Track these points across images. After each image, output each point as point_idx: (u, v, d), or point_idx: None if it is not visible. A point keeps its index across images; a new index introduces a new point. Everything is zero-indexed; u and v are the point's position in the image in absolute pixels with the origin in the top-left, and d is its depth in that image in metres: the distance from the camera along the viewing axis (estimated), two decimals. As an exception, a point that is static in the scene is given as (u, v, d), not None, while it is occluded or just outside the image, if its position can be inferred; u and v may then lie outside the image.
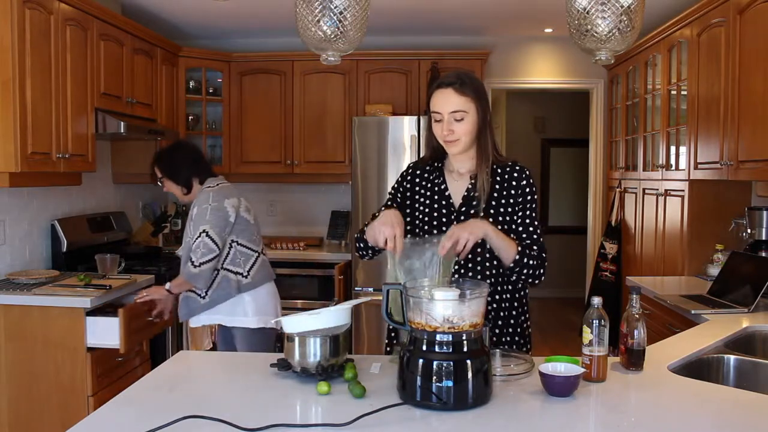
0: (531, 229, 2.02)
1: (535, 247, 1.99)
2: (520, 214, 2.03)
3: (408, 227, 2.08)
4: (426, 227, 2.08)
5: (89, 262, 3.77)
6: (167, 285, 3.06)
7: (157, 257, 4.40)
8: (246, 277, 3.07)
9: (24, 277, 3.36)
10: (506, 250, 1.94)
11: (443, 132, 1.99)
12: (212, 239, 2.94)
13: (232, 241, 3.05)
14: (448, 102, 1.97)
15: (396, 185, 2.18)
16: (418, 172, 2.15)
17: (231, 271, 3.04)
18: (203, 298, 3.05)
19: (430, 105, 2.03)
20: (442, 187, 2.09)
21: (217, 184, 3.10)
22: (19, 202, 3.59)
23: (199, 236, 2.93)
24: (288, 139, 5.28)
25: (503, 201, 2.03)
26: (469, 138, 2.00)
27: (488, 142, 2.02)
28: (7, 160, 3.06)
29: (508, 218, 2.03)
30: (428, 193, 2.11)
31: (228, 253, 3.04)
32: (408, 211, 2.12)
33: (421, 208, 2.10)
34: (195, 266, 2.92)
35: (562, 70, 5.59)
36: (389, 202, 2.16)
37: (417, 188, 2.13)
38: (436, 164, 2.13)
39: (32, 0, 3.14)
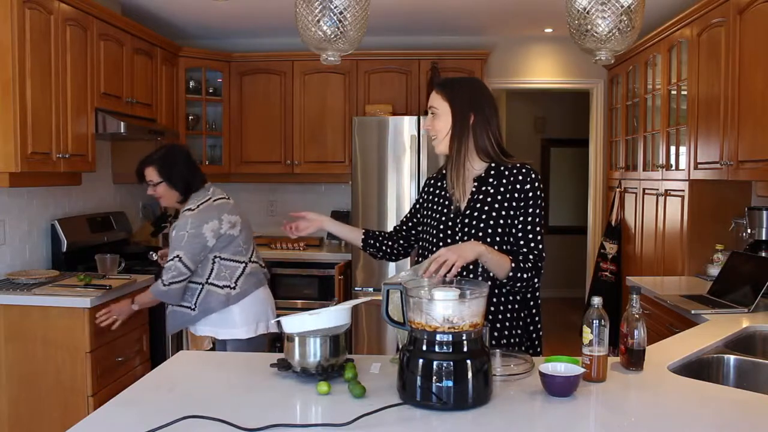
0: (531, 235, 2.02)
1: (531, 257, 1.99)
2: (521, 218, 2.03)
3: (421, 234, 2.23)
4: (434, 231, 2.13)
5: (89, 262, 3.77)
6: (134, 304, 3.07)
7: (157, 257, 4.40)
8: (234, 288, 3.00)
9: (24, 277, 3.36)
10: (500, 267, 1.96)
11: (425, 125, 2.17)
12: (185, 264, 2.89)
13: (215, 257, 2.97)
14: (430, 99, 2.13)
15: (415, 201, 2.33)
16: (431, 182, 2.26)
17: (217, 286, 2.98)
18: (193, 310, 3.00)
19: None
20: (451, 191, 2.13)
21: (199, 205, 2.97)
22: (19, 202, 3.59)
23: (173, 260, 2.89)
24: (288, 139, 5.28)
25: (506, 204, 2.03)
26: (442, 136, 2.08)
27: (462, 146, 2.06)
28: (7, 160, 3.06)
29: (509, 221, 2.03)
30: (440, 200, 2.17)
31: (212, 269, 2.97)
32: (423, 220, 2.22)
33: (433, 214, 2.16)
34: (164, 285, 2.90)
35: (562, 70, 5.59)
36: (407, 215, 2.34)
37: (431, 197, 2.21)
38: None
39: (32, 0, 3.14)
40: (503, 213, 2.03)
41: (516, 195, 2.04)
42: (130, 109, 4.13)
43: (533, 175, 2.05)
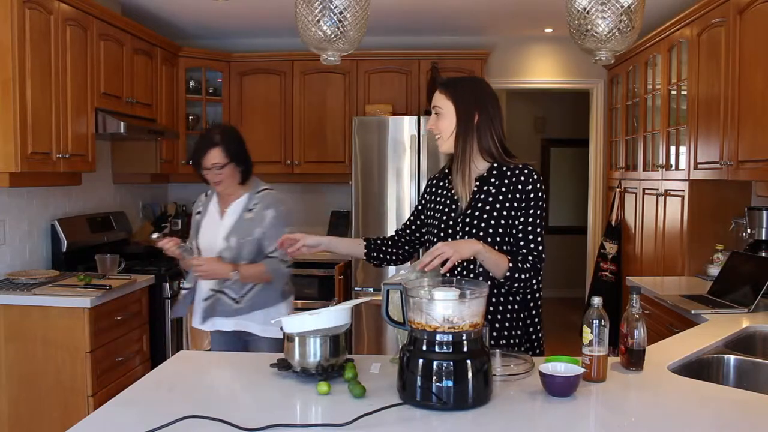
0: (531, 237, 2.01)
1: (530, 258, 1.99)
2: (521, 219, 2.02)
3: (424, 235, 2.24)
4: (435, 230, 2.13)
5: (89, 262, 3.77)
6: (235, 272, 2.67)
7: (157, 257, 4.38)
8: (287, 284, 2.88)
9: (24, 277, 3.36)
10: (497, 267, 1.95)
11: (428, 125, 2.16)
12: None
13: None
14: (434, 98, 2.12)
15: (418, 201, 2.32)
16: (434, 182, 2.25)
17: None
18: (237, 302, 2.75)
19: None
20: (453, 191, 2.13)
21: (273, 187, 2.91)
22: (19, 202, 3.59)
23: None
24: (288, 139, 5.28)
25: (507, 204, 2.03)
26: (447, 135, 2.08)
27: (467, 146, 2.05)
28: (7, 160, 3.06)
29: (510, 222, 2.03)
30: (442, 199, 2.17)
31: None
32: (427, 221, 2.22)
33: (435, 214, 2.16)
34: (288, 266, 2.78)
35: (562, 70, 5.59)
36: (410, 218, 2.32)
37: (433, 197, 2.21)
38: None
39: (32, 0, 3.14)
40: (504, 213, 2.03)
41: (517, 196, 2.03)
42: (130, 109, 4.13)
43: (535, 177, 2.04)
